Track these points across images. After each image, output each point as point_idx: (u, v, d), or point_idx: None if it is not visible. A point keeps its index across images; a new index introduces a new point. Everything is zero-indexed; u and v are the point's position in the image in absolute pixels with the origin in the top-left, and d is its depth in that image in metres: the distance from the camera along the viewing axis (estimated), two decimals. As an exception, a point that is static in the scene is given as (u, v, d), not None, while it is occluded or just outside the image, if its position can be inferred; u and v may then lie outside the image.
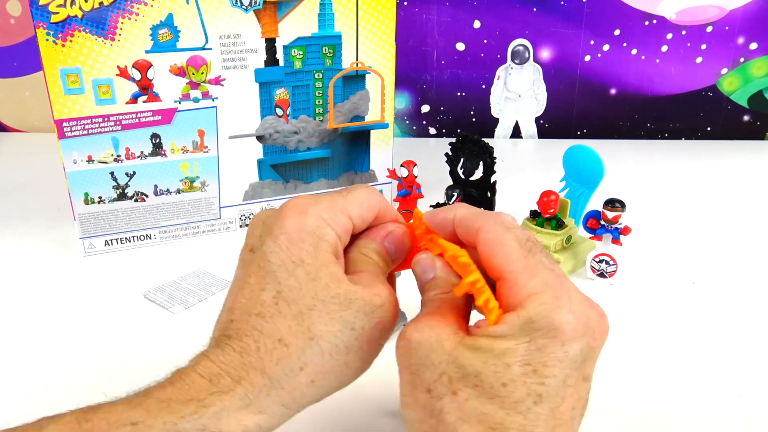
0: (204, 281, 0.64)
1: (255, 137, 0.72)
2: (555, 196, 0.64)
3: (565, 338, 0.28)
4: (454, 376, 0.28)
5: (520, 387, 0.28)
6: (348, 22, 0.72)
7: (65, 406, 0.31)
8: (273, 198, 0.76)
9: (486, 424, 0.27)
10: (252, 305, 0.32)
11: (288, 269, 0.31)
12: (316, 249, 0.32)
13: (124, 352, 0.53)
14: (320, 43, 0.71)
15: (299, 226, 0.32)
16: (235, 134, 0.71)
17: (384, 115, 0.78)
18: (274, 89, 0.71)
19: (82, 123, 0.64)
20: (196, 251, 0.71)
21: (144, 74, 0.65)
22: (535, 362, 0.28)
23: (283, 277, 0.31)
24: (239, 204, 0.75)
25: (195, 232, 0.74)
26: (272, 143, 0.73)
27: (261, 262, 0.32)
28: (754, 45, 1.05)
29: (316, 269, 0.32)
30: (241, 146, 0.72)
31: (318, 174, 0.78)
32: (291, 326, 0.31)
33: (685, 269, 0.66)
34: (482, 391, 0.28)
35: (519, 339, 0.28)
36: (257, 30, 0.68)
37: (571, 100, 1.10)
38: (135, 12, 0.63)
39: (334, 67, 0.73)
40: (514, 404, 0.27)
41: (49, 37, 0.60)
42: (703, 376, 0.50)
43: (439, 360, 0.29)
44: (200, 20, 0.65)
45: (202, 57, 0.67)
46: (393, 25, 0.74)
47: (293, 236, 0.32)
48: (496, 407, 0.28)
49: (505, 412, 0.27)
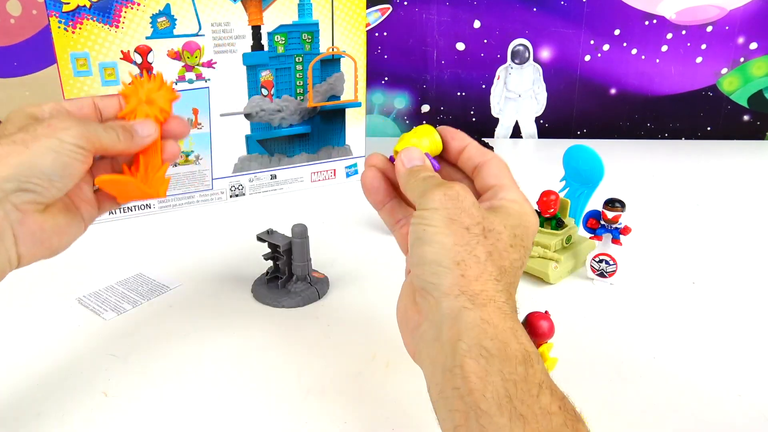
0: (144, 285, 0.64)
1: (243, 115, 0.81)
2: (555, 196, 0.64)
3: (534, 229, 0.41)
4: (485, 227, 0.38)
5: (519, 249, 0.39)
6: (324, 12, 0.81)
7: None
8: (260, 170, 0.85)
9: (502, 263, 0.38)
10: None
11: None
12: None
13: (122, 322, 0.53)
14: (300, 30, 0.80)
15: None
16: (225, 112, 0.80)
17: (357, 95, 0.87)
18: (260, 71, 0.80)
19: None
20: (191, 220, 0.79)
21: (145, 58, 0.73)
22: (521, 237, 0.40)
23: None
24: (229, 176, 0.83)
25: (190, 202, 0.82)
26: (258, 120, 0.82)
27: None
28: (754, 45, 1.05)
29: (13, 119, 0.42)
30: (231, 123, 0.81)
31: (299, 148, 0.86)
32: None
33: (685, 269, 0.66)
34: (501, 243, 0.38)
35: (517, 220, 0.40)
36: (245, 18, 0.77)
37: (571, 100, 1.10)
38: (137, 2, 0.71)
39: (312, 52, 0.82)
40: (512, 261, 0.39)
41: (61, 24, 0.68)
42: (703, 376, 0.50)
43: (477, 214, 0.38)
44: (194, 10, 0.73)
45: (196, 42, 0.75)
46: (364, 14, 0.84)
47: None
48: (504, 259, 0.38)
49: (509, 263, 0.38)
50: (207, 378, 0.50)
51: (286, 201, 0.85)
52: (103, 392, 0.48)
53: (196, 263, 0.68)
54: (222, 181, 0.83)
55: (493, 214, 0.40)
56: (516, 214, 0.40)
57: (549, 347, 0.43)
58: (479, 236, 0.38)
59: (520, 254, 0.39)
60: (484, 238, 0.38)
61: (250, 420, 0.46)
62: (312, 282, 0.61)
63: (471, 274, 0.37)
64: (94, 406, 0.47)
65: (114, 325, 0.57)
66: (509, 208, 0.41)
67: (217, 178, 0.82)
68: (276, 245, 0.60)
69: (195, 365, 0.52)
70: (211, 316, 0.58)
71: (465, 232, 0.38)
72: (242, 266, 0.66)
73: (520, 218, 0.40)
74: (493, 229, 0.38)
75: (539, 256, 0.63)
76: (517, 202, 0.41)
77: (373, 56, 1.08)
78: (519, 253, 0.39)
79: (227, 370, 0.51)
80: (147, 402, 0.48)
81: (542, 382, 0.34)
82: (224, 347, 0.54)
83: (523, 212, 0.41)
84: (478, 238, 0.38)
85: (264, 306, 0.60)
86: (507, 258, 0.38)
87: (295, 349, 0.53)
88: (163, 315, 0.59)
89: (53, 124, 0.40)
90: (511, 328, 0.35)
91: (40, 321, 0.57)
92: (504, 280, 0.38)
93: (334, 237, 0.73)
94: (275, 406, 0.47)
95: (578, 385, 0.49)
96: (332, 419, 0.45)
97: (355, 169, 0.91)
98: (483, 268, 0.37)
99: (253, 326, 0.57)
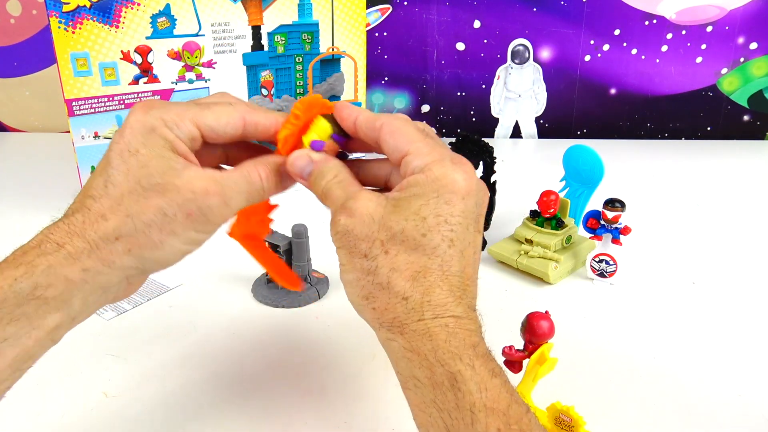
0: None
1: None
2: (555, 196, 0.64)
3: (463, 193, 0.35)
4: (385, 239, 0.35)
5: (436, 235, 0.34)
6: (324, 12, 0.81)
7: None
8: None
9: (413, 269, 0.34)
10: (87, 188, 0.37)
11: (123, 157, 0.37)
12: (152, 142, 0.37)
13: (122, 322, 0.53)
14: (300, 30, 0.80)
15: (140, 122, 0.37)
16: None
17: (357, 95, 0.87)
18: (260, 71, 0.80)
19: (89, 102, 0.72)
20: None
21: (145, 58, 0.73)
22: (445, 213, 0.35)
23: (116, 164, 0.37)
24: None
25: None
26: None
27: (106, 153, 0.38)
28: (754, 45, 1.05)
29: (149, 159, 0.36)
30: None
31: None
32: (112, 205, 0.36)
33: (685, 269, 0.66)
34: (407, 244, 0.34)
35: (429, 195, 0.35)
36: (244, 18, 0.77)
37: (571, 100, 1.10)
38: (137, 2, 0.71)
39: (312, 52, 0.82)
40: (433, 249, 0.34)
41: (61, 24, 0.68)
42: (703, 376, 0.50)
43: (372, 230, 0.35)
44: (194, 10, 0.73)
45: (196, 43, 0.75)
46: (364, 14, 0.84)
47: (134, 129, 0.37)
48: (420, 254, 0.34)
49: (427, 257, 0.34)
50: (207, 378, 0.50)
51: (286, 201, 0.85)
52: (103, 392, 0.48)
53: (196, 263, 0.68)
54: None
55: (398, 209, 0.35)
56: (429, 188, 0.35)
57: (549, 347, 0.43)
58: (379, 256, 0.35)
59: (452, 228, 0.35)
60: (385, 254, 0.35)
61: (250, 420, 0.46)
62: (312, 282, 0.61)
63: (379, 306, 0.35)
64: (94, 406, 0.47)
65: (114, 325, 0.57)
66: (419, 185, 0.35)
67: None
68: (276, 245, 0.60)
69: (195, 365, 0.52)
70: (211, 316, 0.58)
71: (364, 260, 0.35)
72: (242, 266, 0.66)
73: (436, 191, 0.35)
74: (396, 231, 0.35)
75: (539, 256, 0.63)
76: (425, 170, 0.36)
77: (373, 56, 1.08)
78: (449, 228, 0.35)
79: (227, 370, 0.51)
80: (147, 402, 0.48)
81: (473, 405, 0.31)
82: (224, 347, 0.54)
83: (436, 180, 0.35)
84: (378, 260, 0.35)
85: (264, 306, 0.60)
86: (425, 252, 0.34)
87: (295, 349, 0.53)
88: (163, 315, 0.59)
89: (193, 212, 0.37)
90: (431, 350, 0.33)
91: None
92: (425, 281, 0.34)
93: (334, 237, 0.73)
94: (275, 406, 0.47)
95: (578, 385, 0.49)
96: (332, 419, 0.45)
97: (355, 169, 0.91)
98: (388, 293, 0.35)
99: (253, 326, 0.57)
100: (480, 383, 0.31)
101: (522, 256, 0.64)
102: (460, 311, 0.34)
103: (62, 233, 0.36)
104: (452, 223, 0.35)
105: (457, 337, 0.33)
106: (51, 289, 0.35)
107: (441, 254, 0.35)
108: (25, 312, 0.34)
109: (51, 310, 0.35)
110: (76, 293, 0.36)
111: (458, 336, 0.33)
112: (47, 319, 0.35)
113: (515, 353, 0.44)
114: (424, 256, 0.34)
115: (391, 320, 0.35)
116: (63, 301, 0.35)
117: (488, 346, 0.35)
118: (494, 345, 0.47)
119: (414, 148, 0.37)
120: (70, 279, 0.35)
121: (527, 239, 0.65)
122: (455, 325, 0.34)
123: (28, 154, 1.04)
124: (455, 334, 0.33)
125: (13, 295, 0.34)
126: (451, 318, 0.34)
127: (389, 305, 0.35)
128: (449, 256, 0.35)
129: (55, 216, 0.38)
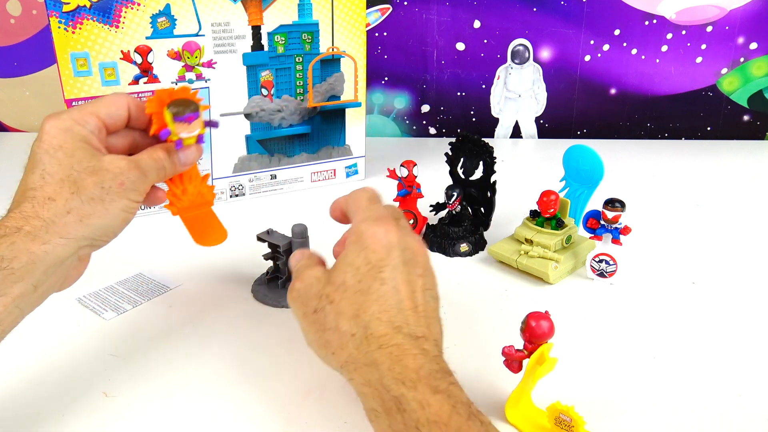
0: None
1: (243, 115, 0.81)
2: (555, 196, 0.64)
3: (384, 243, 0.42)
4: (330, 292, 0.42)
5: (369, 278, 0.41)
6: (324, 11, 0.80)
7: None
8: (260, 170, 0.85)
9: (353, 309, 0.40)
10: (24, 185, 0.45)
11: (50, 153, 0.45)
12: (71, 138, 0.45)
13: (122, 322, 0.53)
14: (300, 30, 0.80)
15: (55, 126, 0.45)
16: (225, 112, 0.79)
17: (357, 95, 0.87)
18: (260, 71, 0.80)
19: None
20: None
21: (145, 58, 0.73)
22: (374, 261, 0.41)
23: (46, 159, 0.44)
24: (229, 176, 0.83)
25: None
26: (258, 120, 0.82)
27: (30, 156, 0.46)
28: (754, 45, 1.05)
29: (72, 150, 0.45)
30: (231, 123, 0.80)
31: (299, 148, 0.86)
32: (56, 189, 0.44)
33: (685, 269, 0.66)
34: (348, 291, 0.41)
35: (359, 249, 0.42)
36: (244, 18, 0.76)
37: (571, 100, 1.10)
38: (137, 2, 0.70)
39: (312, 52, 0.82)
40: (368, 290, 0.41)
41: (61, 24, 0.68)
42: (703, 376, 0.50)
43: (318, 288, 0.42)
44: (194, 10, 0.73)
45: (196, 43, 0.75)
46: (364, 14, 0.83)
47: (51, 132, 0.45)
48: (358, 296, 0.40)
49: (365, 297, 0.40)
50: (207, 378, 0.50)
51: (286, 201, 0.85)
52: (103, 392, 0.48)
53: (196, 263, 0.68)
54: (222, 181, 0.83)
55: (337, 265, 0.43)
56: (358, 244, 0.43)
57: (549, 347, 0.43)
58: (326, 307, 0.41)
59: (382, 271, 0.41)
60: (331, 303, 0.41)
61: (251, 420, 0.46)
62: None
63: (336, 349, 0.40)
64: (94, 406, 0.47)
65: (114, 325, 0.57)
66: (351, 242, 0.43)
67: (217, 178, 0.82)
68: (276, 245, 0.60)
69: (195, 365, 0.52)
70: (211, 316, 0.58)
71: (315, 315, 0.42)
72: (242, 266, 0.66)
73: (363, 244, 0.42)
74: (339, 283, 0.41)
75: (539, 256, 0.63)
76: (354, 230, 0.44)
77: (373, 56, 1.08)
78: (379, 271, 0.41)
79: (227, 370, 0.51)
80: (147, 402, 0.48)
81: (418, 421, 0.35)
82: (224, 347, 0.54)
83: (362, 236, 0.43)
84: (326, 309, 0.41)
85: (264, 306, 0.60)
86: (363, 293, 0.40)
87: (295, 349, 0.53)
88: (163, 315, 0.59)
89: (124, 182, 0.46)
90: (378, 379, 0.37)
91: (40, 321, 0.57)
92: (365, 316, 0.40)
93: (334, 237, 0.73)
94: (275, 406, 0.47)
95: (578, 385, 0.49)
96: (332, 419, 0.45)
97: (355, 169, 0.91)
98: (339, 335, 0.40)
99: (253, 326, 0.57)
100: (422, 401, 0.35)
101: (522, 256, 0.64)
102: (401, 338, 0.38)
103: (16, 219, 0.43)
104: (381, 266, 0.41)
105: (401, 362, 0.37)
106: (15, 261, 0.41)
107: (375, 292, 0.40)
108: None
109: (16, 279, 0.41)
110: (38, 264, 0.42)
111: (401, 362, 0.37)
112: (13, 288, 0.41)
113: (515, 353, 0.44)
114: (362, 297, 0.40)
115: (347, 359, 0.40)
116: (27, 272, 0.41)
117: (446, 361, 0.39)
118: (494, 345, 0.47)
119: (355, 214, 0.46)
120: (32, 251, 0.42)
121: (527, 239, 0.65)
122: (398, 351, 0.38)
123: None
124: (399, 360, 0.37)
125: None
126: (394, 346, 0.38)
127: (342, 345, 0.40)
128: (383, 293, 0.40)
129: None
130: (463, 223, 0.71)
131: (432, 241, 0.71)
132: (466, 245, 0.70)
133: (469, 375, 0.50)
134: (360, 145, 0.90)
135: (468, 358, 0.52)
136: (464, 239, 0.70)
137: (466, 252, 0.70)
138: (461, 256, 0.70)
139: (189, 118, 0.48)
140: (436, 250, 0.70)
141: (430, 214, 0.74)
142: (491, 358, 0.49)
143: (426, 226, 0.73)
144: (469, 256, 0.70)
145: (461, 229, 0.70)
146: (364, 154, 0.91)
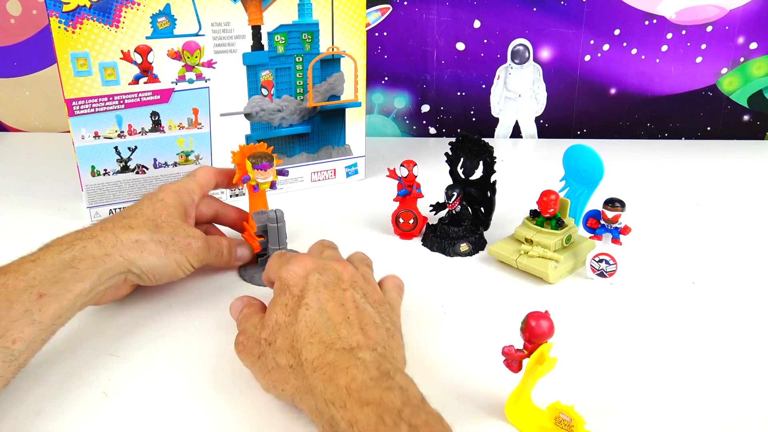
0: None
1: (243, 115, 0.81)
2: (555, 196, 0.64)
3: (300, 275, 0.47)
4: (266, 335, 0.45)
5: (296, 309, 0.45)
6: (324, 11, 0.80)
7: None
8: None
9: (288, 342, 0.43)
10: (121, 212, 0.58)
11: (151, 201, 0.59)
12: (174, 199, 0.59)
13: (122, 322, 0.53)
14: (300, 30, 0.80)
15: (169, 187, 0.61)
16: (225, 112, 0.80)
17: (357, 95, 0.87)
18: (260, 71, 0.80)
19: (89, 102, 0.72)
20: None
21: (145, 58, 0.73)
22: (295, 293, 0.46)
23: (146, 204, 0.58)
24: None
25: None
26: (258, 120, 0.82)
27: (140, 200, 0.60)
28: (754, 45, 1.05)
29: (169, 205, 0.59)
30: (231, 123, 0.81)
31: (299, 148, 0.87)
32: (140, 222, 0.55)
33: (685, 269, 0.66)
34: (281, 330, 0.44)
35: (279, 291, 0.47)
36: (244, 18, 0.76)
37: (571, 100, 1.10)
38: (137, 2, 0.70)
39: (312, 52, 0.82)
40: (295, 319, 0.44)
41: (61, 24, 0.68)
42: (703, 376, 0.50)
43: (257, 334, 0.46)
44: (194, 9, 0.73)
45: (196, 42, 0.75)
46: (364, 14, 0.83)
47: (166, 192, 0.60)
48: (288, 328, 0.44)
49: (294, 327, 0.43)
50: (207, 378, 0.50)
51: (286, 201, 0.85)
52: (103, 392, 0.48)
53: (196, 263, 0.68)
54: None
55: (269, 310, 0.47)
56: (277, 287, 0.48)
57: (549, 347, 0.43)
58: (266, 349, 0.44)
59: (305, 302, 0.45)
60: (269, 345, 0.44)
61: (251, 420, 0.46)
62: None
63: (284, 385, 0.43)
64: (94, 406, 0.47)
65: (114, 325, 0.57)
66: (275, 288, 0.48)
67: None
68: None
69: (195, 365, 0.52)
70: (212, 316, 0.58)
71: (260, 361, 0.45)
72: (242, 266, 0.66)
73: (280, 287, 0.47)
74: (272, 325, 0.45)
75: (539, 255, 0.63)
76: (276, 279, 0.48)
77: (373, 56, 1.08)
78: (298, 302, 0.45)
79: (227, 369, 0.51)
80: (147, 402, 0.48)
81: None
82: (224, 347, 0.54)
83: (278, 279, 0.48)
84: (266, 352, 0.44)
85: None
86: (292, 324, 0.44)
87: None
88: (163, 315, 0.59)
89: (191, 244, 0.57)
90: (314, 405, 0.40)
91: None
92: (297, 345, 0.43)
93: (333, 237, 0.73)
94: (275, 406, 0.47)
95: (578, 385, 0.49)
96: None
97: (355, 169, 0.91)
98: (280, 370, 0.43)
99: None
100: (350, 419, 0.36)
101: (522, 256, 0.64)
102: (333, 356, 0.40)
103: (96, 229, 0.53)
104: (303, 294, 0.45)
105: (332, 382, 0.39)
106: (83, 263, 0.49)
107: (302, 319, 0.43)
108: (63, 277, 0.48)
109: (79, 279, 0.48)
110: (97, 269, 0.50)
111: (333, 381, 0.39)
112: (77, 285, 0.48)
113: (515, 353, 0.44)
114: (293, 328, 0.43)
115: (292, 392, 0.42)
116: (88, 274, 0.49)
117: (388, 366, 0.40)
118: (494, 345, 0.47)
119: (270, 270, 0.52)
120: (96, 257, 0.50)
121: (527, 239, 0.65)
122: (331, 370, 0.39)
123: (28, 153, 1.04)
124: (330, 380, 0.39)
125: (59, 262, 0.48)
126: (327, 366, 0.40)
127: (285, 379, 0.43)
128: (309, 317, 0.43)
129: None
130: (463, 223, 0.71)
131: (432, 241, 0.71)
132: (466, 245, 0.70)
133: (469, 375, 0.50)
134: (360, 145, 0.90)
135: (468, 358, 0.52)
136: (464, 239, 0.70)
137: (466, 252, 0.70)
138: (461, 256, 0.70)
139: (264, 166, 0.62)
140: (436, 250, 0.71)
141: (430, 214, 0.74)
142: (491, 357, 0.49)
143: (426, 226, 0.73)
144: (469, 256, 0.70)
145: (461, 229, 0.70)
146: (364, 154, 0.91)
